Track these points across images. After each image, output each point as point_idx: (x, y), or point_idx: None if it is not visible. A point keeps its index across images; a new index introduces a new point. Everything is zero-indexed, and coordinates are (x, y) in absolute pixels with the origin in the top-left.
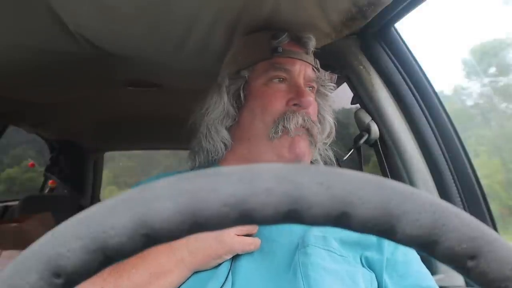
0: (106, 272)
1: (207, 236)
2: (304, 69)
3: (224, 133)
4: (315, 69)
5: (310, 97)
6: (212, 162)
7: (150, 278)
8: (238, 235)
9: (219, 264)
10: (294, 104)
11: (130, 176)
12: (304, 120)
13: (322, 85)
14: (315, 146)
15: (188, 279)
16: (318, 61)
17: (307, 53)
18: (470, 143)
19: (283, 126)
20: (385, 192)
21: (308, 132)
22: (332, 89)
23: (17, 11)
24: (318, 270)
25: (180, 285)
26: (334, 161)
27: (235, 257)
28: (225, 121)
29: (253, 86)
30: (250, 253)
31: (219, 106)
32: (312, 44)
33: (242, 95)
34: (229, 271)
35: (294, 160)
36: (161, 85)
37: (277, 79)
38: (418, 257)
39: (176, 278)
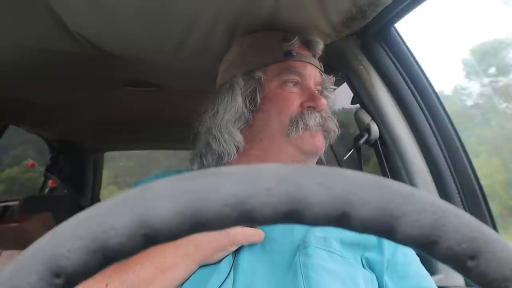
0: (111, 269)
1: None
2: (314, 73)
3: (239, 137)
4: (321, 73)
5: (324, 100)
6: (221, 165)
7: (156, 273)
8: (242, 227)
9: (221, 260)
10: (309, 107)
11: (130, 176)
12: (322, 118)
13: (325, 88)
14: (329, 142)
15: (193, 273)
16: (321, 64)
17: (314, 56)
18: (470, 143)
19: (303, 123)
20: (385, 192)
21: (325, 128)
22: (332, 91)
23: (17, 11)
24: (319, 271)
25: (186, 280)
26: (334, 161)
27: (237, 254)
28: (238, 123)
29: (267, 89)
30: (252, 250)
31: (232, 108)
32: (320, 47)
33: (258, 97)
34: (231, 267)
35: (312, 153)
36: (161, 85)
37: (291, 83)
38: (418, 258)
39: (182, 272)
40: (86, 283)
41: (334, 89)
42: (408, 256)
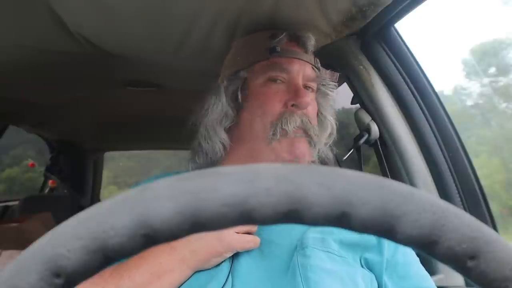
0: (107, 273)
1: (207, 234)
2: (303, 69)
3: (223, 135)
4: (315, 68)
5: (308, 97)
6: (211, 163)
7: (151, 278)
8: (237, 233)
9: (219, 265)
10: (292, 105)
11: (130, 176)
12: (303, 122)
13: (323, 84)
14: (315, 146)
15: (189, 279)
16: (318, 60)
17: (306, 52)
18: (470, 143)
19: (281, 128)
20: (385, 192)
21: (306, 133)
22: (333, 88)
23: (17, 11)
24: (318, 272)
25: (181, 285)
26: (334, 161)
27: (235, 258)
28: (224, 122)
29: (252, 87)
30: (249, 254)
31: (217, 107)
32: (311, 43)
33: (239, 95)
34: (229, 272)
35: (293, 162)
36: (161, 85)
37: (275, 80)
38: (417, 258)
39: (177, 277)
40: (83, 286)
41: (335, 86)
42: (408, 257)
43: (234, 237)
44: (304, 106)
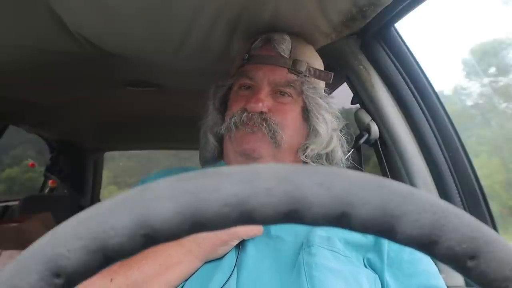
0: (116, 264)
1: None
2: (269, 75)
3: (212, 139)
4: (294, 72)
5: (260, 103)
6: (206, 162)
7: (160, 269)
8: None
9: (226, 256)
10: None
11: (130, 176)
12: (251, 117)
13: (311, 87)
14: (278, 145)
15: (198, 269)
16: (302, 62)
17: (281, 56)
18: (470, 143)
19: (230, 123)
20: (385, 192)
21: (256, 127)
22: (320, 90)
23: (17, 11)
24: (322, 270)
25: (191, 276)
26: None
27: (242, 251)
28: (216, 128)
29: (231, 94)
30: (256, 247)
31: (209, 115)
32: (284, 46)
33: (217, 102)
34: (235, 264)
35: (244, 155)
36: (161, 85)
37: (247, 87)
38: (427, 256)
39: (186, 269)
40: (91, 277)
41: (329, 90)
42: (416, 254)
43: None
44: (252, 110)
